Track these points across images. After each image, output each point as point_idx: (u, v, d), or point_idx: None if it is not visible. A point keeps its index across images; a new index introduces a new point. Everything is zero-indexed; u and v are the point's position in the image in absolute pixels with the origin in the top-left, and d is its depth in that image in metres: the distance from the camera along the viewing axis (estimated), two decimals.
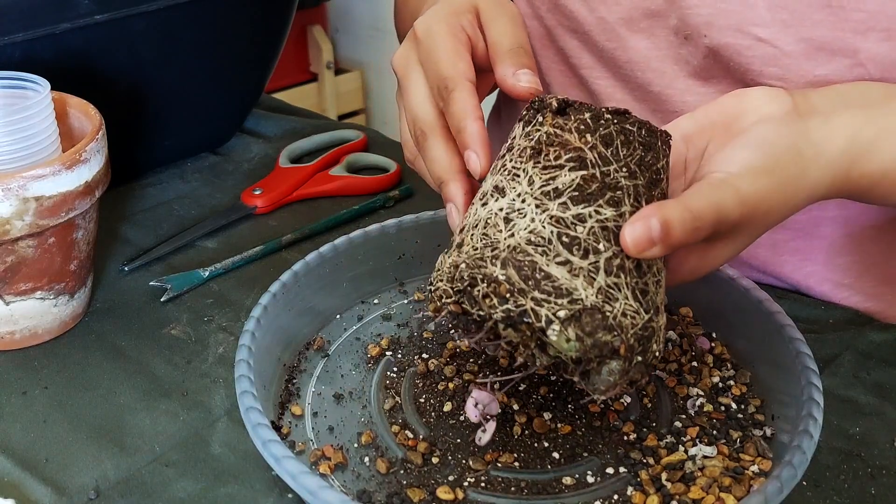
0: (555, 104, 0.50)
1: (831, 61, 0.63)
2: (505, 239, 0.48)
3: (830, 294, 0.73)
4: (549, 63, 0.79)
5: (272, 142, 0.96)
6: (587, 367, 0.47)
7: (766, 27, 0.64)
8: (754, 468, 0.53)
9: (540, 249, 0.47)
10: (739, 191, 0.48)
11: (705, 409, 0.58)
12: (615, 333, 0.46)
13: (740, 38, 0.65)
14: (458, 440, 0.56)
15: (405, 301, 0.69)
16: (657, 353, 0.49)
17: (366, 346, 0.65)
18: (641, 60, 0.71)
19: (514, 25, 0.60)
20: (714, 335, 0.65)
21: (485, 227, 0.49)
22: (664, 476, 0.53)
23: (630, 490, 0.53)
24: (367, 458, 0.55)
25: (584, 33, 0.73)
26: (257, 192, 0.84)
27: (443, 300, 0.49)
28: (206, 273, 0.73)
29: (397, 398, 0.60)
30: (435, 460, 0.55)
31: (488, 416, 0.56)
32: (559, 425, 0.57)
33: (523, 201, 0.48)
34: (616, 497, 0.53)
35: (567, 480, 0.54)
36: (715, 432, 0.56)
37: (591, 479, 0.54)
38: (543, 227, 0.47)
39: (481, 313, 0.47)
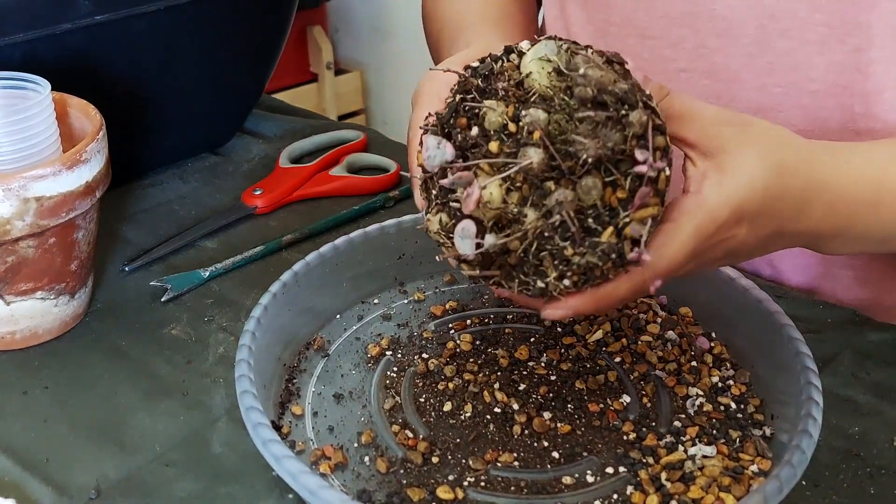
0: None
1: (877, 5, 0.63)
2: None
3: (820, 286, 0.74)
4: (569, 24, 0.79)
5: (272, 142, 0.96)
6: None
7: None
8: (754, 468, 0.53)
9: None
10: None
11: (705, 408, 0.58)
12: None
13: None
14: (458, 440, 0.57)
15: (405, 301, 0.69)
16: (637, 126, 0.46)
17: (366, 345, 0.65)
18: (677, 15, 0.71)
19: None
20: (713, 335, 0.65)
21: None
22: (664, 476, 0.53)
23: (629, 489, 0.53)
24: (367, 458, 0.55)
25: None
26: (257, 193, 0.84)
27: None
28: (207, 273, 0.73)
29: (397, 398, 0.60)
30: (435, 460, 0.55)
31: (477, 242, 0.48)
32: (559, 425, 0.57)
33: None
34: (616, 496, 0.53)
35: (567, 480, 0.54)
36: (714, 432, 0.56)
37: (590, 479, 0.54)
38: None
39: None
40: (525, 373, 0.62)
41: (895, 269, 0.73)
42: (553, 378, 0.61)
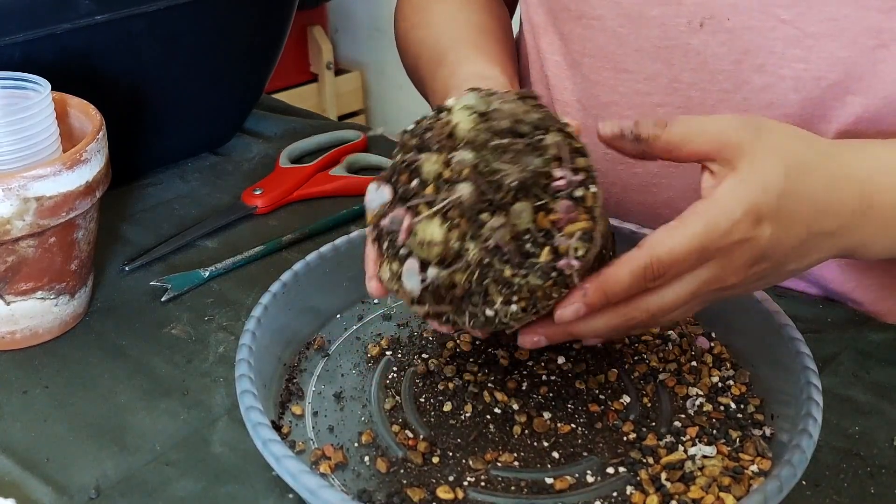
0: None
1: (855, 42, 0.62)
2: None
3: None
4: (545, 53, 0.78)
5: (272, 142, 0.96)
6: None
7: (790, 8, 0.64)
8: (754, 468, 0.53)
9: None
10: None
11: (705, 408, 0.58)
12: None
13: (763, 20, 0.65)
14: (458, 440, 0.57)
15: None
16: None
17: (366, 345, 0.65)
18: (651, 49, 0.71)
19: None
20: (713, 335, 0.65)
21: None
22: (664, 475, 0.53)
23: (630, 489, 0.53)
24: (367, 458, 0.55)
25: (593, 18, 0.73)
26: (257, 192, 0.84)
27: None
28: (207, 273, 0.73)
29: (397, 398, 0.60)
30: (435, 460, 0.55)
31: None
32: (559, 425, 0.57)
33: None
34: (616, 496, 0.53)
35: (567, 480, 0.54)
36: (714, 432, 0.56)
37: (590, 479, 0.54)
38: None
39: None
40: (525, 373, 0.62)
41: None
42: (553, 378, 0.61)
